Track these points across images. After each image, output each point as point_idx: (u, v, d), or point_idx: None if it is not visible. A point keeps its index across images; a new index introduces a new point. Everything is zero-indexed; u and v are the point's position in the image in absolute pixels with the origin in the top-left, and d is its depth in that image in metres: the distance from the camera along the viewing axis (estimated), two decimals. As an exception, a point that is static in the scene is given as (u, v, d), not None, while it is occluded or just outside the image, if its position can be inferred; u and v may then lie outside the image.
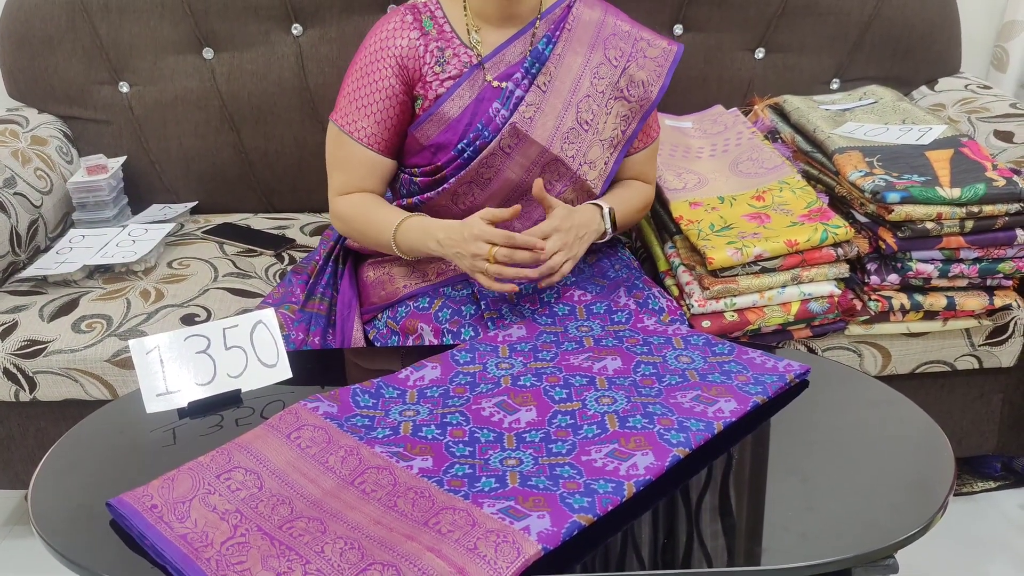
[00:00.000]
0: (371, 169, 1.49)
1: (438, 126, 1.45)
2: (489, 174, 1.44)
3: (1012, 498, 1.88)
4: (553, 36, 1.44)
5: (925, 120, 1.72)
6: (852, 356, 1.60)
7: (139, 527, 0.92)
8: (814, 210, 1.54)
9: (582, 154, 1.46)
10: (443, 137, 1.45)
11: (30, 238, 1.80)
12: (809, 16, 2.01)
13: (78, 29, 1.96)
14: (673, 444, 1.02)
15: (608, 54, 1.46)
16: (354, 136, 1.46)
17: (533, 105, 1.42)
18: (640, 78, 1.47)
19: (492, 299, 1.41)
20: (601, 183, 1.51)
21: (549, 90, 1.43)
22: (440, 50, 1.44)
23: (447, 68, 1.44)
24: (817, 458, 1.06)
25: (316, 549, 0.88)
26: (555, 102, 1.43)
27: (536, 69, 1.43)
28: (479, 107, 1.43)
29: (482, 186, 1.46)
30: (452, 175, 1.45)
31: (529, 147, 1.43)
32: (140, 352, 1.17)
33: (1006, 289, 1.56)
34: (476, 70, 1.44)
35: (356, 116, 1.46)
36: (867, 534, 0.93)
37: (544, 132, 1.42)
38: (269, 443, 1.04)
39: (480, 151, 1.42)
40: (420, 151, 1.48)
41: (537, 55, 1.44)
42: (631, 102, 1.48)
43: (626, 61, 1.46)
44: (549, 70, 1.43)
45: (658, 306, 1.44)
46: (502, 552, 0.85)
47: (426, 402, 1.14)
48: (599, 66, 1.45)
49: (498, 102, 1.43)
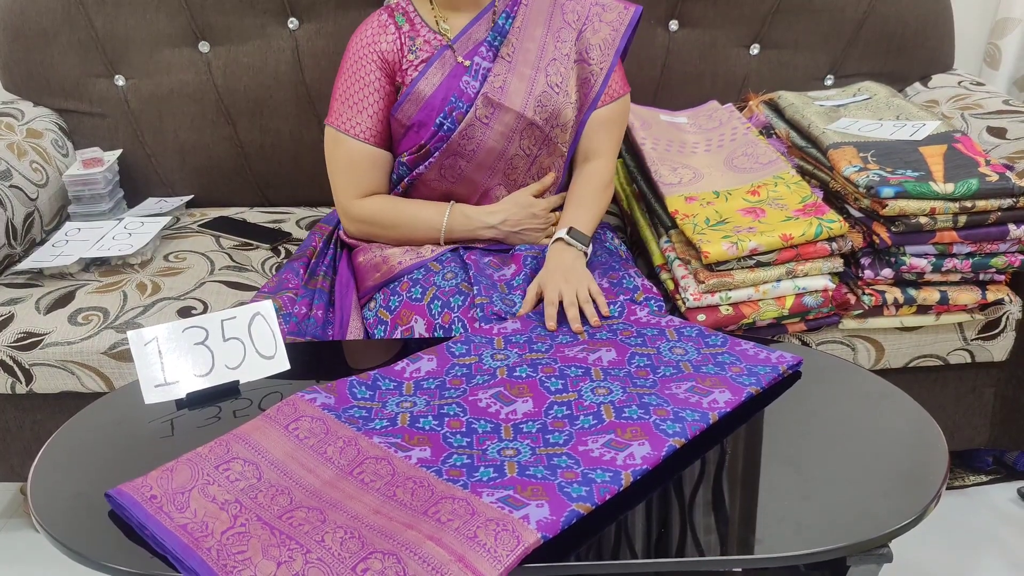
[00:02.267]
0: (373, 163, 1.58)
1: (416, 104, 1.54)
2: (471, 145, 1.53)
3: (1003, 492, 1.89)
4: (511, 11, 1.56)
5: (919, 116, 1.73)
6: (846, 350, 1.61)
7: (139, 517, 0.92)
8: (809, 205, 1.55)
9: (554, 117, 1.55)
10: (422, 115, 1.54)
11: (26, 231, 1.80)
12: (804, 13, 2.02)
13: (74, 22, 1.96)
14: (669, 434, 1.02)
15: (567, 18, 1.58)
16: (351, 134, 1.55)
17: (500, 75, 1.53)
18: (596, 42, 1.58)
19: (484, 286, 1.43)
20: (568, 146, 1.61)
21: (514, 59, 1.54)
22: (412, 40, 1.56)
23: (419, 54, 1.56)
24: (812, 448, 1.07)
25: (316, 538, 0.89)
26: (523, 70, 1.53)
27: (499, 42, 1.55)
28: (451, 83, 1.54)
29: (467, 158, 1.55)
30: (436, 148, 1.54)
31: (505, 114, 1.52)
32: (138, 343, 1.18)
33: (998, 284, 1.57)
34: (445, 51, 1.56)
35: (351, 115, 1.55)
36: (861, 524, 0.94)
37: (516, 99, 1.52)
38: (267, 434, 1.05)
39: (459, 123, 1.51)
40: (405, 134, 1.57)
41: (499, 30, 1.55)
42: (591, 65, 1.58)
43: (582, 24, 1.58)
44: (511, 42, 1.55)
45: (632, 284, 1.49)
46: (502, 540, 0.86)
47: (423, 394, 1.15)
48: (560, 30, 1.56)
49: (467, 75, 1.53)
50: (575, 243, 1.49)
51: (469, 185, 1.58)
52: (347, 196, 1.58)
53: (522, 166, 1.58)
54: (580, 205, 1.58)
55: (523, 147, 1.56)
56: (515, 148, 1.55)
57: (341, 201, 1.59)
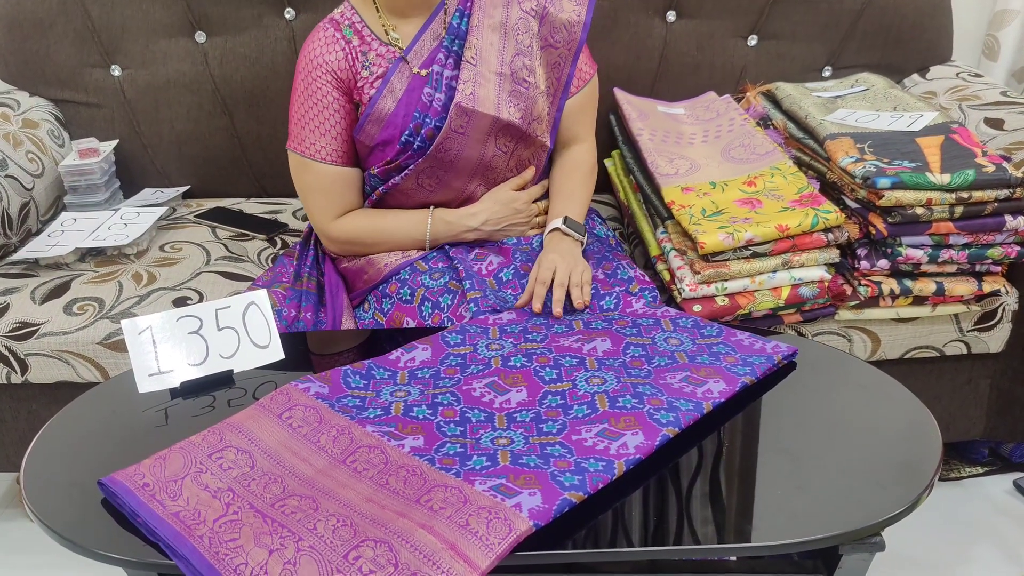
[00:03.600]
0: (344, 183, 1.54)
1: (377, 124, 1.49)
2: (449, 156, 1.48)
3: (999, 483, 1.90)
4: (465, 9, 1.48)
5: (916, 107, 1.72)
6: (842, 341, 1.61)
7: (131, 505, 0.92)
8: (805, 195, 1.55)
9: (529, 111, 1.50)
10: (385, 134, 1.49)
11: (21, 221, 1.80)
12: (802, 3, 2.01)
13: (70, 12, 1.95)
14: (662, 424, 1.02)
15: (524, 6, 1.49)
16: (316, 158, 1.51)
17: (469, 81, 1.45)
18: (562, 20, 1.50)
19: (475, 281, 1.42)
20: (549, 135, 1.55)
21: (479, 61, 1.46)
22: (364, 54, 1.49)
23: (374, 69, 1.49)
24: (806, 438, 1.07)
25: (308, 526, 0.89)
26: (487, 71, 1.46)
27: (458, 45, 1.47)
28: (411, 97, 1.48)
29: (445, 168, 1.50)
30: (409, 162, 1.49)
31: (480, 120, 1.46)
32: (132, 332, 1.17)
33: (995, 275, 1.57)
34: (400, 63, 1.48)
35: (313, 138, 1.50)
36: (854, 512, 0.94)
37: (488, 102, 1.46)
38: (261, 423, 1.05)
39: (429, 139, 1.46)
40: (370, 153, 1.53)
41: (454, 31, 1.48)
42: (558, 47, 1.51)
43: (543, 7, 1.49)
44: (472, 43, 1.46)
45: (627, 276, 1.48)
46: (493, 528, 0.86)
47: (417, 383, 1.15)
48: (519, 20, 1.48)
49: (428, 87, 1.47)
50: (572, 232, 1.48)
51: (449, 191, 1.54)
52: (324, 219, 1.55)
53: (501, 164, 1.54)
54: (570, 196, 1.56)
55: (500, 146, 1.51)
56: (492, 149, 1.51)
57: (318, 224, 1.56)
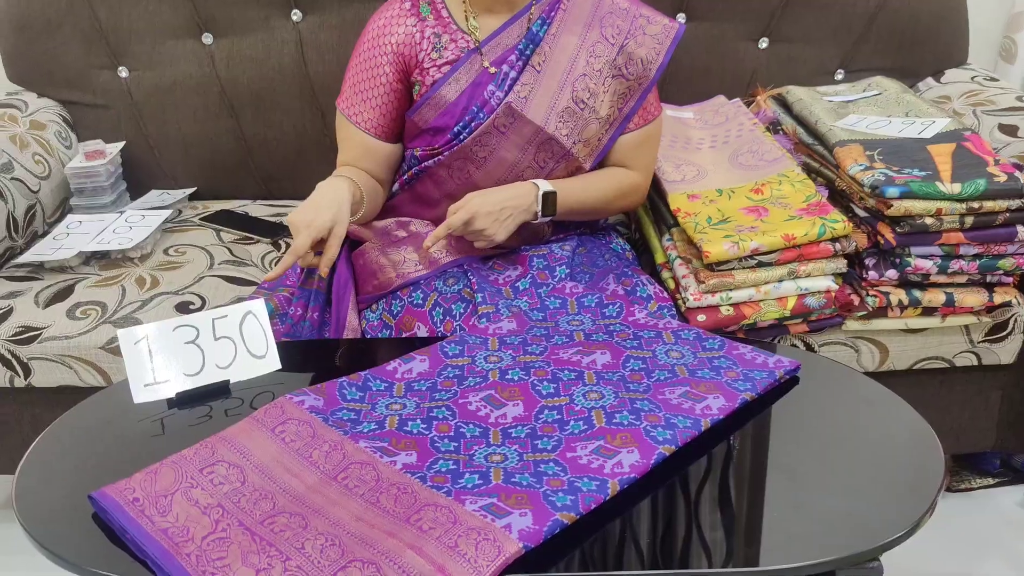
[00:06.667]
0: (367, 151, 1.55)
1: (435, 110, 1.48)
2: (484, 152, 1.47)
3: (1010, 495, 1.87)
4: (548, 17, 1.47)
5: (928, 113, 1.70)
6: (849, 352, 1.59)
7: (120, 521, 0.92)
8: (812, 204, 1.53)
9: (577, 133, 1.48)
10: (440, 120, 1.49)
11: (27, 223, 1.80)
12: (814, 6, 1.99)
13: (77, 13, 1.95)
14: (659, 441, 1.01)
15: (605, 32, 1.47)
16: (355, 121, 1.53)
17: (528, 84, 1.44)
18: (639, 55, 1.47)
19: (489, 293, 1.40)
20: (592, 160, 1.53)
21: (544, 70, 1.45)
22: (437, 36, 1.48)
23: (444, 54, 1.48)
24: (805, 456, 1.05)
25: (297, 545, 0.88)
26: (550, 82, 1.45)
27: (531, 50, 1.46)
28: (475, 91, 1.47)
29: (477, 164, 1.49)
30: (447, 150, 1.49)
31: (524, 126, 1.45)
32: (128, 342, 1.17)
33: (1006, 286, 1.54)
34: (473, 55, 1.47)
35: (357, 103, 1.52)
36: (853, 535, 0.92)
37: (539, 112, 1.45)
38: (253, 437, 1.04)
39: (475, 131, 1.46)
40: (419, 135, 1.53)
41: (532, 37, 1.46)
42: (628, 80, 1.49)
43: (624, 39, 1.47)
44: (544, 50, 1.46)
45: (646, 293, 1.45)
46: (482, 550, 0.85)
47: (413, 395, 1.13)
48: (595, 44, 1.46)
49: (493, 85, 1.46)
50: (539, 204, 1.44)
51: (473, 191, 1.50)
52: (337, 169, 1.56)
53: (531, 177, 1.50)
54: (587, 188, 1.51)
55: (537, 159, 1.49)
56: (528, 160, 1.48)
57: None
